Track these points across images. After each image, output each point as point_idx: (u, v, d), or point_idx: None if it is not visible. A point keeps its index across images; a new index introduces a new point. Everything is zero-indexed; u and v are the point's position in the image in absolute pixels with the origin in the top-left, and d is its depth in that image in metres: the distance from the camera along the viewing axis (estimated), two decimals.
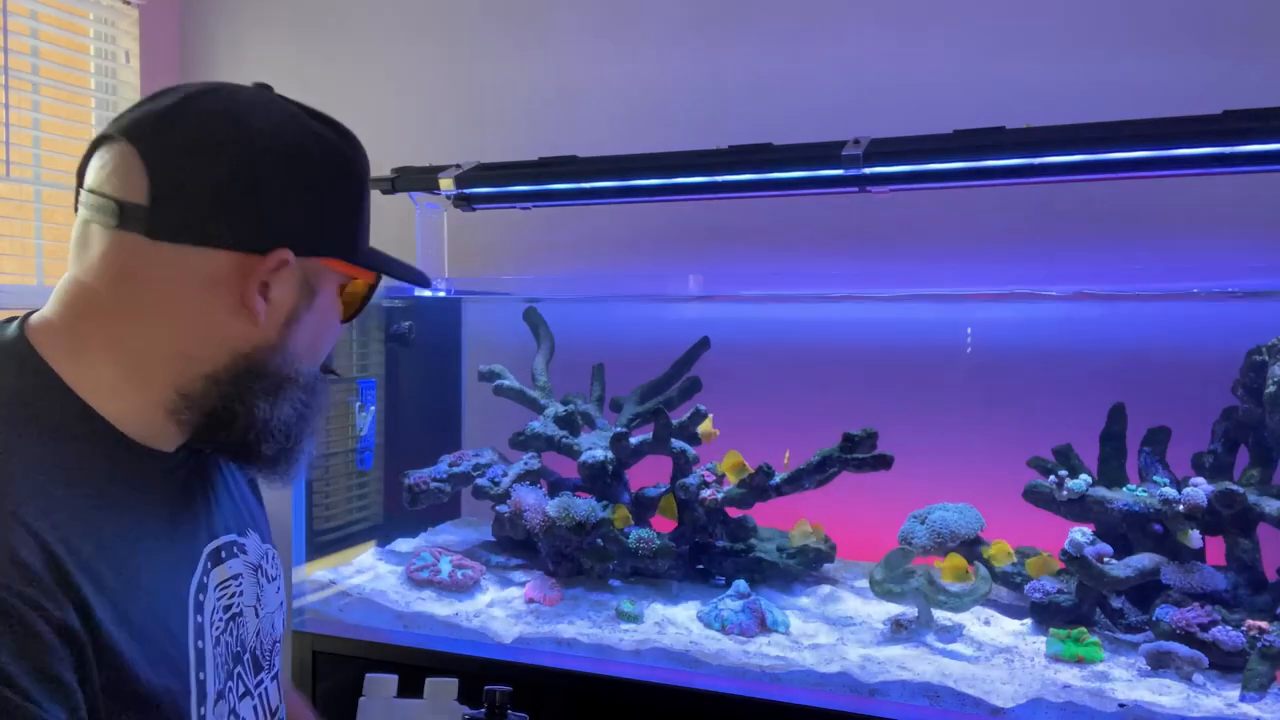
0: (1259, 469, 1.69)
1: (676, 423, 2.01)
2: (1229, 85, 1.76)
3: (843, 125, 1.81)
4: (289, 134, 0.80)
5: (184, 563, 0.83)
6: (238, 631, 0.90)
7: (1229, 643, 1.54)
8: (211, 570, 0.87)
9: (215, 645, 0.84)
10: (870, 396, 2.09)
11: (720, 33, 2.21)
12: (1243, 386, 1.71)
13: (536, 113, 2.31)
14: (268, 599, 0.97)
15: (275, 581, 1.01)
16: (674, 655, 1.69)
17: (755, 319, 2.25)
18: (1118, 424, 1.81)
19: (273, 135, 0.79)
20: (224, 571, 0.89)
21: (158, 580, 0.79)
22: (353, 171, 0.85)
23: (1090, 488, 1.75)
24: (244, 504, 0.99)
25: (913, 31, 2.06)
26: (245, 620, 0.91)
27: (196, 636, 0.81)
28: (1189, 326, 1.88)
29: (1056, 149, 1.58)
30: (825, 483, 1.90)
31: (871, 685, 1.56)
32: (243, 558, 0.93)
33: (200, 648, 0.82)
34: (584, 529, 1.92)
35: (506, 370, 2.23)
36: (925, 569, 1.78)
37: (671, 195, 1.89)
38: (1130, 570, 1.66)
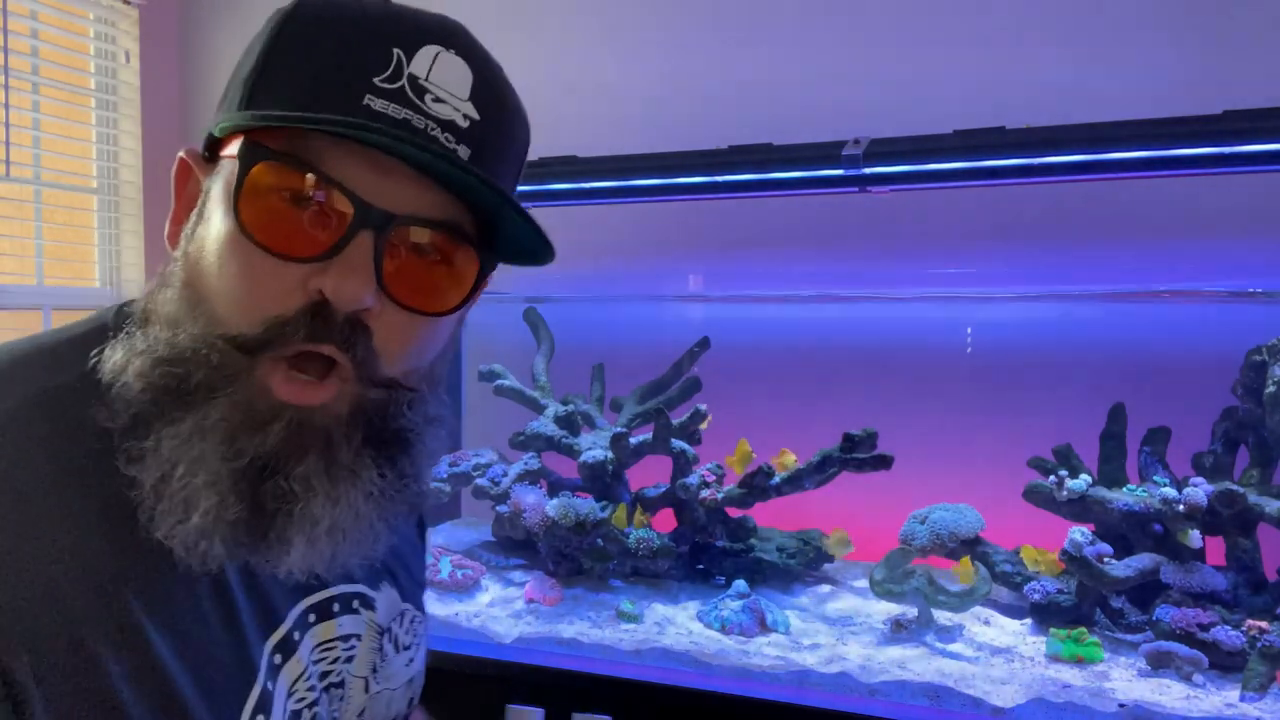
0: (1259, 469, 1.69)
1: (676, 423, 2.01)
2: (1229, 85, 1.76)
3: (843, 125, 1.81)
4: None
5: (263, 611, 0.68)
6: (328, 706, 0.73)
7: (1229, 643, 1.54)
8: (312, 626, 0.72)
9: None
10: (870, 396, 2.09)
11: (721, 32, 2.22)
12: (1242, 386, 1.72)
13: (536, 112, 2.30)
14: (391, 671, 0.80)
15: (408, 652, 0.82)
16: (674, 655, 1.69)
17: (755, 319, 2.26)
18: (1118, 424, 1.81)
19: None
20: (330, 629, 0.73)
21: (204, 627, 0.64)
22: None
23: (1090, 488, 1.75)
24: (389, 548, 0.81)
25: (913, 31, 2.06)
26: (347, 695, 0.75)
27: (257, 710, 0.65)
28: (1189, 327, 1.88)
29: (1056, 149, 1.58)
30: (825, 483, 1.91)
31: (871, 685, 1.56)
32: (365, 615, 0.77)
33: None
34: (584, 529, 1.92)
35: (506, 370, 2.24)
36: (926, 569, 1.78)
37: (672, 195, 1.89)
38: (1130, 570, 1.66)
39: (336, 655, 0.74)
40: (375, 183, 0.60)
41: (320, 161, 0.60)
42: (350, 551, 0.65)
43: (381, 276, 0.61)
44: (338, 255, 0.60)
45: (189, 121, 2.64)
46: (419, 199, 0.61)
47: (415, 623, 0.83)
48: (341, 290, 0.59)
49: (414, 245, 0.63)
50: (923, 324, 2.10)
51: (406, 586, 0.83)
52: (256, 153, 0.60)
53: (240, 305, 0.60)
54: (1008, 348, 2.03)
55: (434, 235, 0.63)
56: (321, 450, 0.62)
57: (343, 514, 0.63)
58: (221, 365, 0.60)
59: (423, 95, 0.61)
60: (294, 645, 0.69)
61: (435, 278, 0.64)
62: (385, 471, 0.66)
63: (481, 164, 0.63)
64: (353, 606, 0.76)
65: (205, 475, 0.59)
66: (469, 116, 0.63)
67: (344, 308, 0.60)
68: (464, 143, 0.62)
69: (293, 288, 0.60)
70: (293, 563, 0.63)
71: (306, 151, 0.60)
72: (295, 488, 0.61)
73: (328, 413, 0.62)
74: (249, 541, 0.61)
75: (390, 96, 0.60)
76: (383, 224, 0.60)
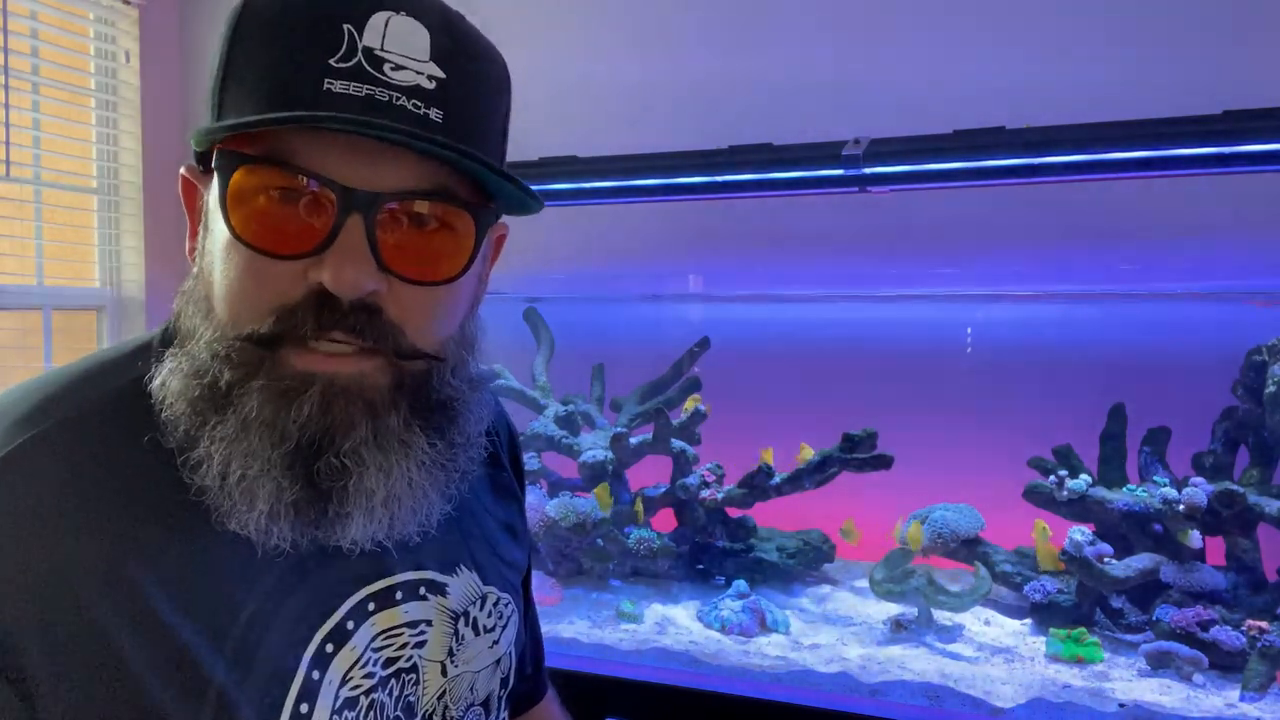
0: (1259, 469, 1.70)
1: (676, 423, 2.01)
2: (1229, 85, 1.76)
3: (843, 125, 1.82)
4: None
5: (313, 602, 0.68)
6: (400, 691, 0.72)
7: (1229, 643, 1.55)
8: (372, 615, 0.71)
9: (344, 710, 0.68)
10: (871, 396, 2.09)
11: (721, 33, 2.22)
12: (1243, 386, 1.72)
13: (536, 113, 2.31)
14: (470, 654, 0.78)
15: (491, 634, 0.81)
16: (674, 655, 1.70)
17: (755, 319, 2.26)
18: (1117, 424, 1.81)
19: None
20: (394, 617, 0.72)
21: (249, 621, 0.64)
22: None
23: (1090, 488, 1.76)
24: (469, 532, 0.82)
25: (913, 33, 2.07)
26: (422, 679, 0.74)
27: (301, 699, 0.65)
28: (1189, 327, 1.89)
29: (1056, 149, 1.58)
30: (825, 482, 1.91)
31: (872, 685, 1.57)
32: (435, 601, 0.76)
33: (304, 712, 0.65)
34: (584, 529, 1.93)
35: (507, 370, 2.24)
36: (926, 569, 1.78)
37: (672, 195, 1.89)
38: (1130, 570, 1.66)
39: (404, 641, 0.73)
40: (354, 166, 0.60)
41: (296, 156, 0.60)
42: (408, 519, 0.67)
43: (381, 257, 0.61)
44: (332, 245, 0.60)
45: (189, 121, 2.64)
46: (401, 173, 0.61)
47: (500, 605, 0.82)
48: (340, 279, 0.60)
49: (408, 219, 0.63)
50: (923, 324, 2.10)
51: (490, 569, 0.82)
52: (233, 160, 0.61)
53: (247, 305, 0.62)
54: (1008, 348, 2.03)
55: (425, 206, 0.63)
56: (367, 422, 0.63)
57: (396, 483, 0.64)
58: (243, 362, 0.61)
59: (380, 66, 0.60)
60: (348, 634, 0.69)
61: (436, 246, 0.64)
62: (435, 441, 0.67)
63: (456, 122, 0.63)
64: (419, 593, 0.75)
65: (259, 465, 0.61)
66: (434, 77, 0.62)
67: (345, 296, 0.60)
68: (434, 105, 0.62)
69: (294, 280, 0.61)
70: (355, 534, 0.64)
71: (281, 149, 0.60)
72: (346, 463, 0.62)
73: (368, 385, 0.63)
74: (312, 520, 0.63)
75: (348, 75, 0.59)
76: (368, 205, 0.60)
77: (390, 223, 0.62)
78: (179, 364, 0.64)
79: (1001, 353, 2.04)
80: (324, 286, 0.60)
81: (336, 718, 0.67)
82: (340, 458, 0.62)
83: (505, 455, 0.94)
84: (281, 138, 0.60)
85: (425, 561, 0.76)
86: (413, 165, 0.61)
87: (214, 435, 0.61)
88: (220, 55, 0.63)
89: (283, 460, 0.61)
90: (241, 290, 0.62)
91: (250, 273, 0.61)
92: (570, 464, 2.10)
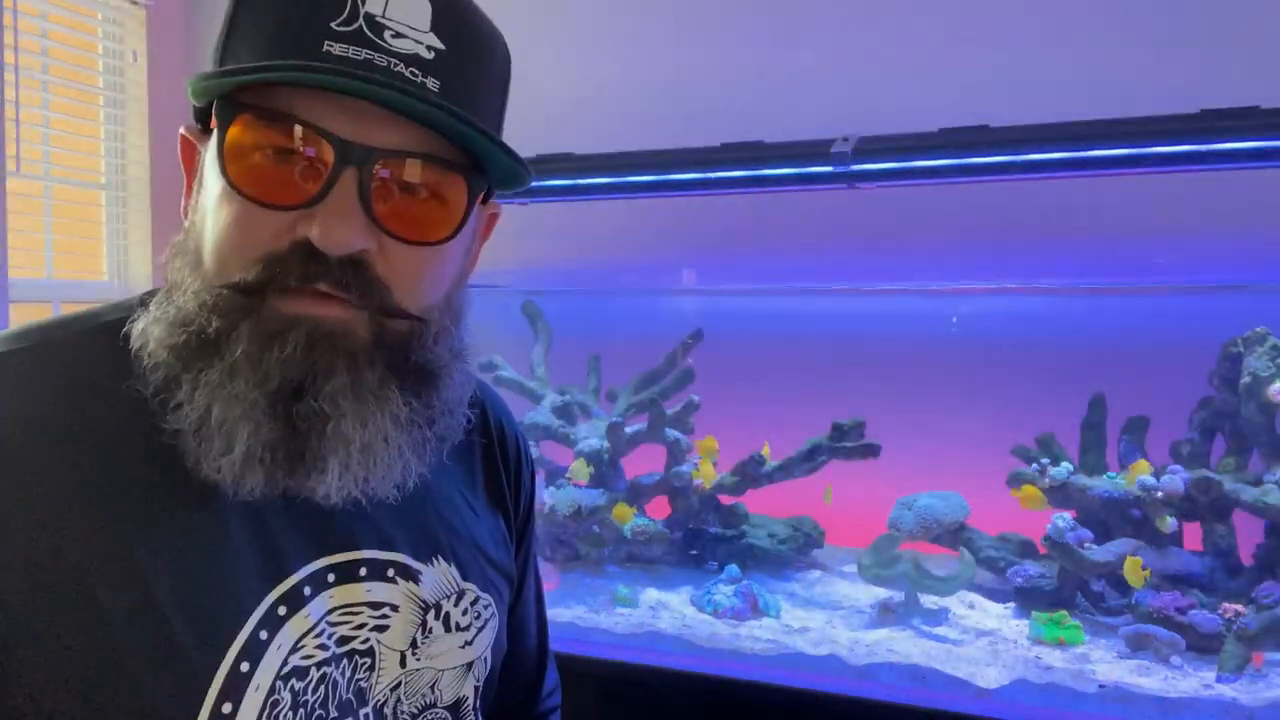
0: (1234, 457, 1.73)
1: (670, 412, 2.05)
2: (1206, 85, 1.80)
3: (832, 123, 1.85)
4: None
5: (270, 559, 0.66)
6: (353, 673, 0.69)
7: (1205, 625, 1.57)
8: (331, 586, 0.69)
9: (292, 678, 0.65)
10: (859, 387, 2.12)
11: (714, 31, 2.25)
12: (1219, 377, 1.75)
13: (533, 111, 2.34)
14: (437, 650, 0.75)
15: (465, 633, 0.77)
16: (668, 639, 1.73)
17: (747, 311, 2.29)
18: (1098, 414, 1.84)
19: None
20: (354, 593, 0.70)
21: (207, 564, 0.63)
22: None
23: (1071, 475, 1.79)
24: (453, 527, 0.79)
25: (901, 31, 2.10)
26: (378, 665, 0.71)
27: (243, 656, 0.63)
28: (1167, 319, 1.91)
29: (1039, 147, 1.61)
30: (814, 470, 1.95)
31: (860, 667, 1.60)
32: (405, 586, 0.73)
33: (244, 671, 0.63)
34: (580, 516, 1.97)
35: (505, 361, 2.27)
36: (913, 554, 1.82)
37: (665, 191, 1.92)
38: (1110, 555, 1.70)
39: (363, 621, 0.70)
40: (351, 124, 0.60)
41: (295, 110, 0.60)
42: (383, 476, 0.66)
43: (374, 214, 0.62)
44: (324, 200, 0.60)
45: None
46: (397, 136, 0.62)
47: (479, 605, 0.78)
48: (328, 235, 0.60)
49: (403, 180, 0.63)
50: (910, 316, 2.13)
51: (471, 567, 0.79)
52: (232, 109, 0.61)
53: (235, 253, 0.62)
54: (992, 340, 2.06)
55: (420, 167, 0.63)
56: (347, 370, 0.63)
57: (373, 435, 0.64)
58: (230, 310, 0.62)
59: (381, 33, 0.61)
60: (303, 600, 0.67)
61: (428, 209, 0.64)
62: (411, 401, 0.67)
63: (453, 94, 0.63)
64: (387, 574, 0.72)
65: (241, 407, 0.61)
66: (433, 48, 0.63)
67: (333, 252, 0.61)
68: (431, 75, 0.63)
69: (283, 232, 0.61)
70: (329, 485, 0.64)
71: (281, 103, 0.61)
72: (325, 407, 0.62)
73: (349, 335, 0.63)
74: (287, 463, 0.62)
75: (348, 39, 0.60)
76: (364, 159, 0.60)
77: (383, 181, 0.62)
78: (164, 312, 0.64)
79: (986, 345, 2.06)
80: (311, 242, 0.60)
81: (281, 684, 0.64)
82: (319, 401, 0.62)
83: (512, 464, 0.91)
84: (280, 95, 0.61)
85: (399, 544, 0.74)
86: (407, 130, 0.62)
87: (197, 381, 0.61)
88: (228, 13, 0.64)
89: (265, 400, 0.61)
90: (230, 240, 0.62)
91: (240, 222, 0.62)
92: (567, 453, 2.13)
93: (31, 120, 2.30)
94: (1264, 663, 1.53)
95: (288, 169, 0.61)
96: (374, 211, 0.62)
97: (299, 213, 0.61)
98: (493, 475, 0.88)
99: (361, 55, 0.60)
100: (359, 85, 0.58)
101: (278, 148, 0.61)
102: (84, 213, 2.51)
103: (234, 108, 0.61)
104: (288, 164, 0.61)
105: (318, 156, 0.61)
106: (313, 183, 0.61)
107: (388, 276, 0.64)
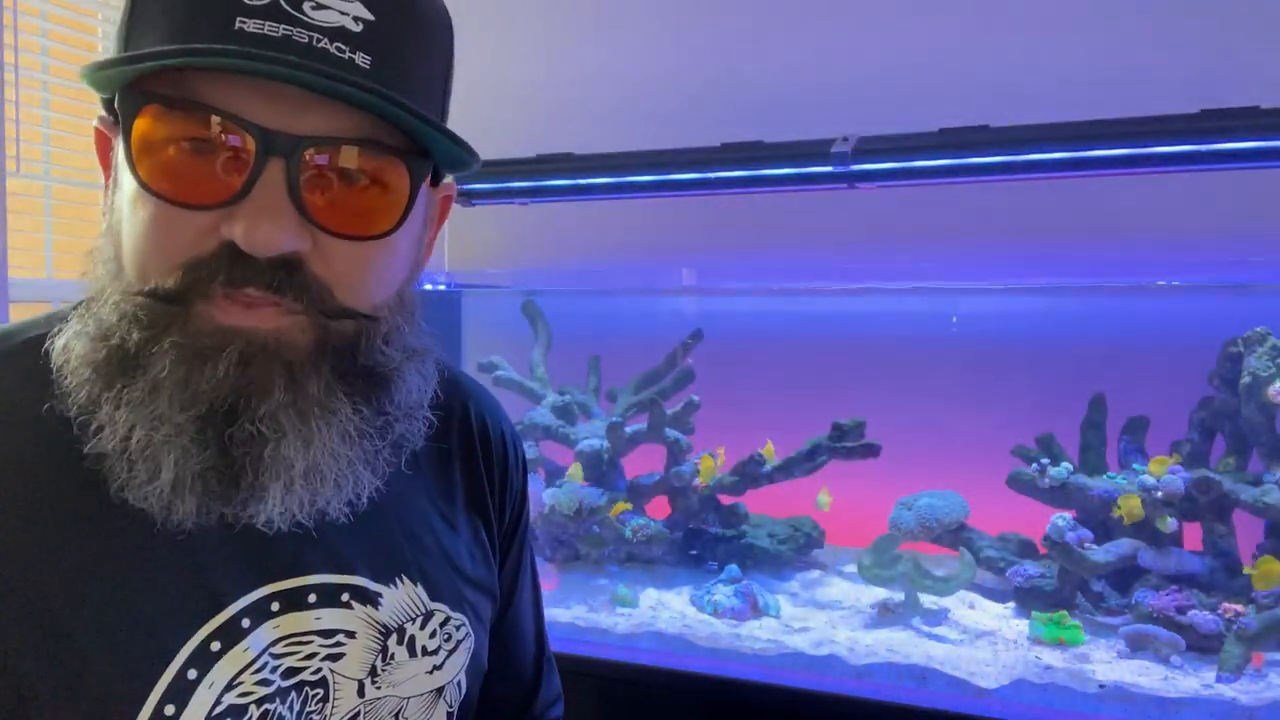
0: (1234, 457, 1.73)
1: (670, 412, 2.05)
2: (1207, 84, 1.80)
3: (832, 123, 1.85)
4: None
5: (203, 593, 0.61)
6: (303, 706, 0.64)
7: (1206, 626, 1.57)
8: (275, 615, 0.64)
9: (226, 717, 0.60)
10: (859, 387, 2.12)
11: (714, 31, 2.25)
12: (1219, 377, 1.75)
13: (533, 111, 2.34)
14: (401, 676, 0.70)
15: (433, 657, 0.72)
16: (668, 638, 1.73)
17: (746, 312, 2.29)
18: (1098, 414, 1.84)
19: None
20: (302, 621, 0.65)
21: (133, 600, 0.58)
22: None
23: (1071, 475, 1.79)
24: (420, 542, 0.73)
25: (901, 31, 2.10)
26: (332, 695, 0.66)
27: (167, 699, 0.58)
28: (1167, 319, 1.92)
29: (1039, 146, 1.61)
30: (815, 470, 1.95)
31: (860, 667, 1.60)
32: (361, 611, 0.68)
33: (169, 714, 0.58)
34: (580, 515, 1.97)
35: (505, 361, 2.28)
36: (913, 554, 1.82)
37: (665, 191, 1.92)
38: (1110, 555, 1.70)
39: (313, 651, 0.65)
40: (273, 111, 0.54)
41: (209, 98, 0.54)
42: (331, 495, 0.60)
43: (306, 209, 0.56)
44: (247, 196, 0.55)
45: None
46: (327, 122, 0.56)
47: (450, 626, 0.73)
48: (253, 235, 0.54)
49: (336, 170, 0.57)
50: (910, 316, 2.13)
51: (442, 585, 0.73)
52: (137, 100, 0.55)
53: (154, 259, 0.56)
54: (992, 339, 2.06)
55: (354, 154, 0.57)
56: (286, 385, 0.57)
57: (318, 454, 0.58)
58: (152, 321, 0.56)
59: (300, 5, 0.55)
60: (241, 633, 0.61)
61: (367, 199, 0.58)
62: (361, 408, 0.61)
63: (386, 68, 0.57)
64: (340, 599, 0.67)
65: (166, 429, 0.55)
66: (360, 18, 0.56)
67: (260, 253, 0.55)
68: (360, 49, 0.56)
69: (205, 234, 0.56)
70: (270, 511, 0.58)
71: (192, 90, 0.54)
72: (263, 429, 0.56)
73: (287, 344, 0.57)
74: (221, 491, 0.57)
75: (263, 14, 0.54)
76: (290, 149, 0.54)
77: (314, 172, 0.56)
78: (84, 326, 0.59)
79: (986, 344, 2.07)
80: (235, 243, 0.55)
81: None
82: (256, 424, 0.56)
83: (497, 463, 0.85)
84: (190, 81, 0.54)
85: (356, 566, 0.68)
86: (339, 114, 0.55)
87: (119, 399, 0.56)
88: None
89: (192, 425, 0.55)
90: (148, 244, 0.56)
91: (158, 225, 0.56)
92: (567, 453, 2.13)
93: (31, 120, 2.30)
94: (1264, 663, 1.53)
95: (206, 163, 0.55)
96: (305, 206, 0.56)
97: (222, 211, 0.55)
98: (474, 481, 0.82)
99: (279, 32, 0.54)
100: (266, 66, 0.52)
101: (193, 139, 0.55)
102: (84, 213, 2.51)
103: (139, 98, 0.55)
104: (206, 157, 0.55)
105: (239, 148, 0.55)
106: (235, 177, 0.55)
107: (327, 276, 0.58)
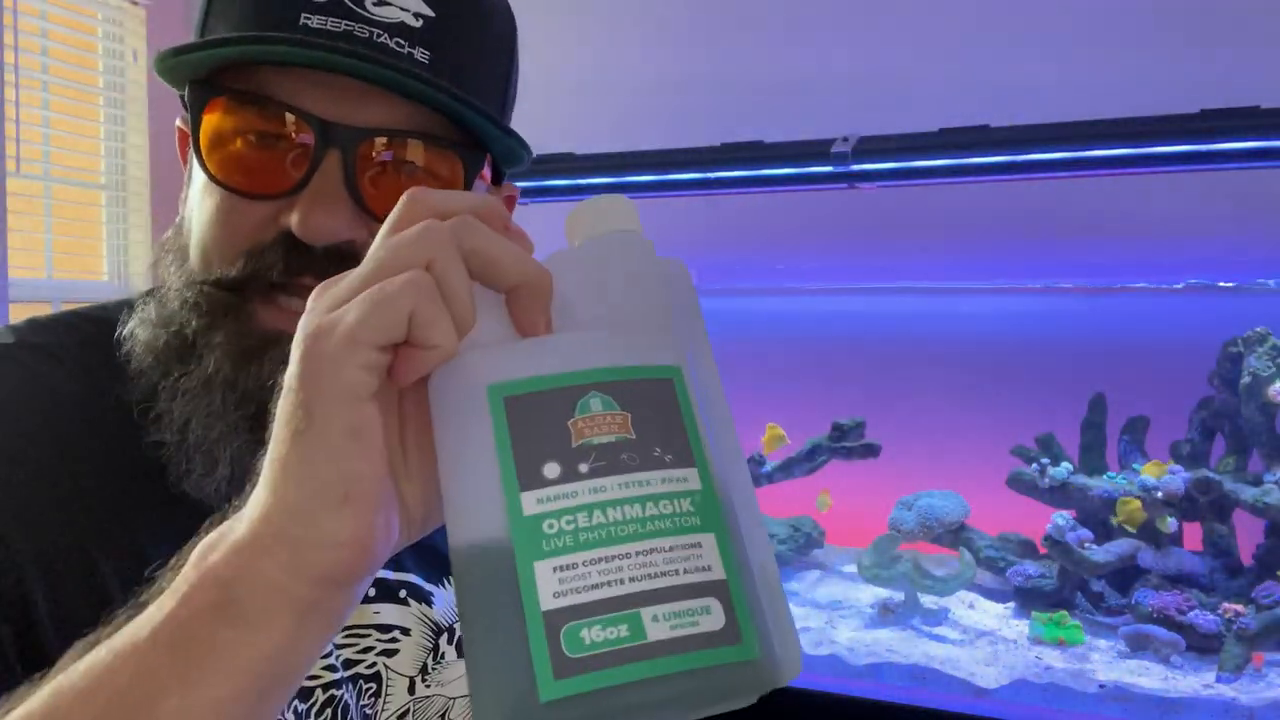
0: (1234, 457, 1.74)
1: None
2: (1206, 85, 1.80)
3: (832, 123, 1.85)
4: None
5: None
6: (358, 700, 0.64)
7: (1205, 626, 1.58)
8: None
9: (296, 700, 0.60)
10: (859, 387, 2.12)
11: (714, 33, 2.25)
12: (1219, 377, 1.75)
13: (533, 111, 2.34)
14: (449, 676, 0.69)
15: None
16: None
17: (747, 311, 2.29)
18: (1098, 414, 1.85)
19: None
20: (361, 615, 0.65)
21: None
22: None
23: (1071, 475, 1.79)
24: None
25: (901, 31, 2.10)
26: (384, 691, 0.66)
27: None
28: (1167, 320, 1.92)
29: (1039, 147, 1.62)
30: (815, 470, 1.95)
31: (860, 667, 1.60)
32: (417, 607, 0.68)
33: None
34: None
35: None
36: (913, 554, 1.82)
37: (665, 191, 1.92)
38: (1110, 555, 1.70)
39: (370, 645, 0.65)
40: (333, 104, 0.56)
41: (273, 91, 0.56)
42: None
43: (362, 198, 0.57)
44: (305, 186, 0.56)
45: None
46: (384, 114, 0.57)
47: None
48: (308, 224, 0.55)
49: (392, 162, 0.58)
50: (911, 316, 2.13)
51: None
52: (204, 93, 0.57)
53: (217, 248, 0.58)
54: (993, 340, 2.06)
55: (409, 147, 0.58)
56: None
57: None
58: (211, 310, 0.57)
59: (362, 2, 0.57)
60: None
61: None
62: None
63: (445, 63, 0.58)
64: (398, 595, 0.67)
65: (222, 426, 0.56)
66: (420, 14, 0.58)
67: (314, 241, 0.56)
68: (420, 45, 0.58)
69: (266, 224, 0.57)
70: None
71: (258, 84, 0.56)
72: None
73: None
74: None
75: (327, 10, 0.56)
76: (347, 141, 0.56)
77: (370, 163, 0.57)
78: (149, 313, 0.60)
79: (987, 345, 2.07)
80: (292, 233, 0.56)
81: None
82: None
83: None
84: (257, 76, 0.56)
85: (408, 564, 0.69)
86: (397, 107, 0.57)
87: (175, 389, 0.57)
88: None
89: (245, 423, 0.56)
90: (213, 233, 0.58)
91: (221, 214, 0.58)
92: None
93: (31, 120, 2.30)
94: (1264, 663, 1.54)
95: (271, 155, 0.57)
96: (361, 196, 0.57)
97: (283, 201, 0.57)
98: None
99: (341, 27, 0.56)
100: (327, 57, 0.53)
101: (258, 132, 0.57)
102: (84, 213, 2.51)
103: (208, 92, 0.57)
104: (270, 150, 0.57)
105: (299, 140, 0.56)
106: (295, 168, 0.56)
107: None
